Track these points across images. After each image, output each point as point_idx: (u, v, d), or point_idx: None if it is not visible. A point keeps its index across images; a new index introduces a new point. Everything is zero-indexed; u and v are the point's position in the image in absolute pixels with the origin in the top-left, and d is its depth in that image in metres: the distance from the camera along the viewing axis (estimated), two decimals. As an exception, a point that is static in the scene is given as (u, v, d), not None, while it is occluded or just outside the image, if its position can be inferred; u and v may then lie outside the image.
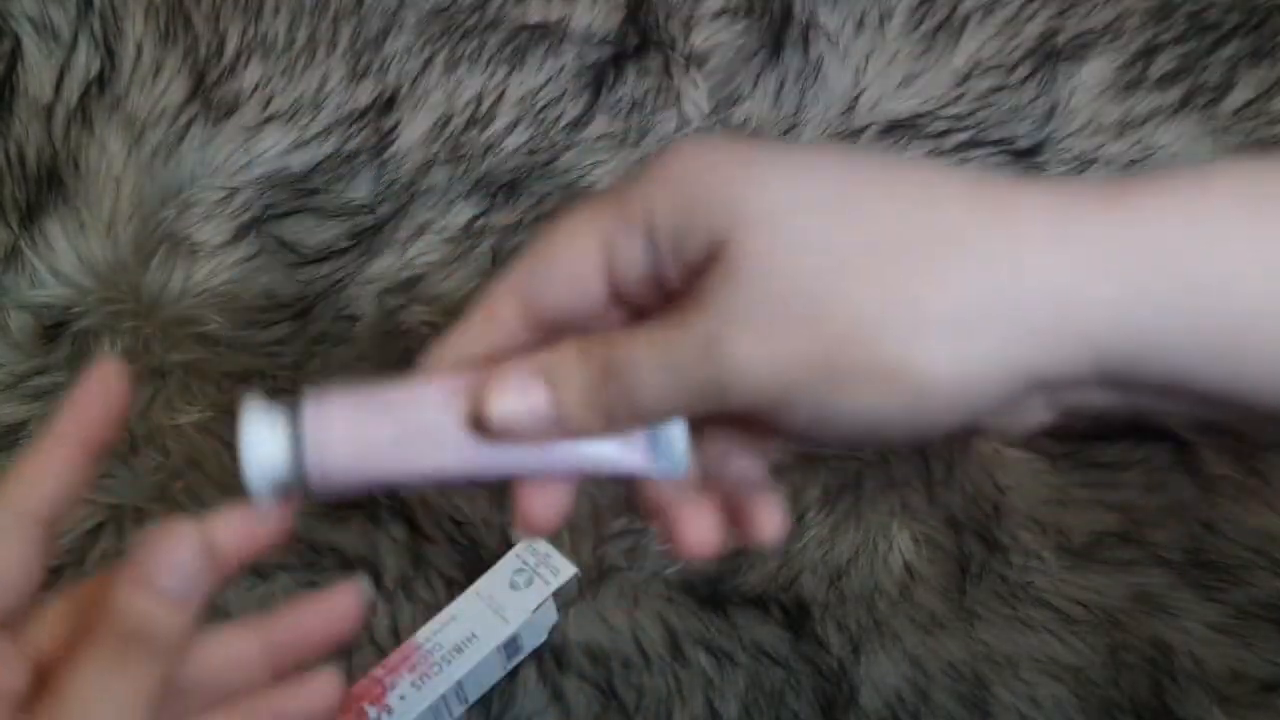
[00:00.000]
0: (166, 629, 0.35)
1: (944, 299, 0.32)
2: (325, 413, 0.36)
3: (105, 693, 0.34)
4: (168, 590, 0.35)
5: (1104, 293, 0.32)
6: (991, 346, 0.32)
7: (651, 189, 0.35)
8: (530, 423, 0.36)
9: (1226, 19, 0.81)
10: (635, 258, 0.36)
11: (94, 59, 0.82)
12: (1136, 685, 0.65)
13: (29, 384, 0.76)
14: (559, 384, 0.36)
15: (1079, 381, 0.33)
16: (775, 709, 0.66)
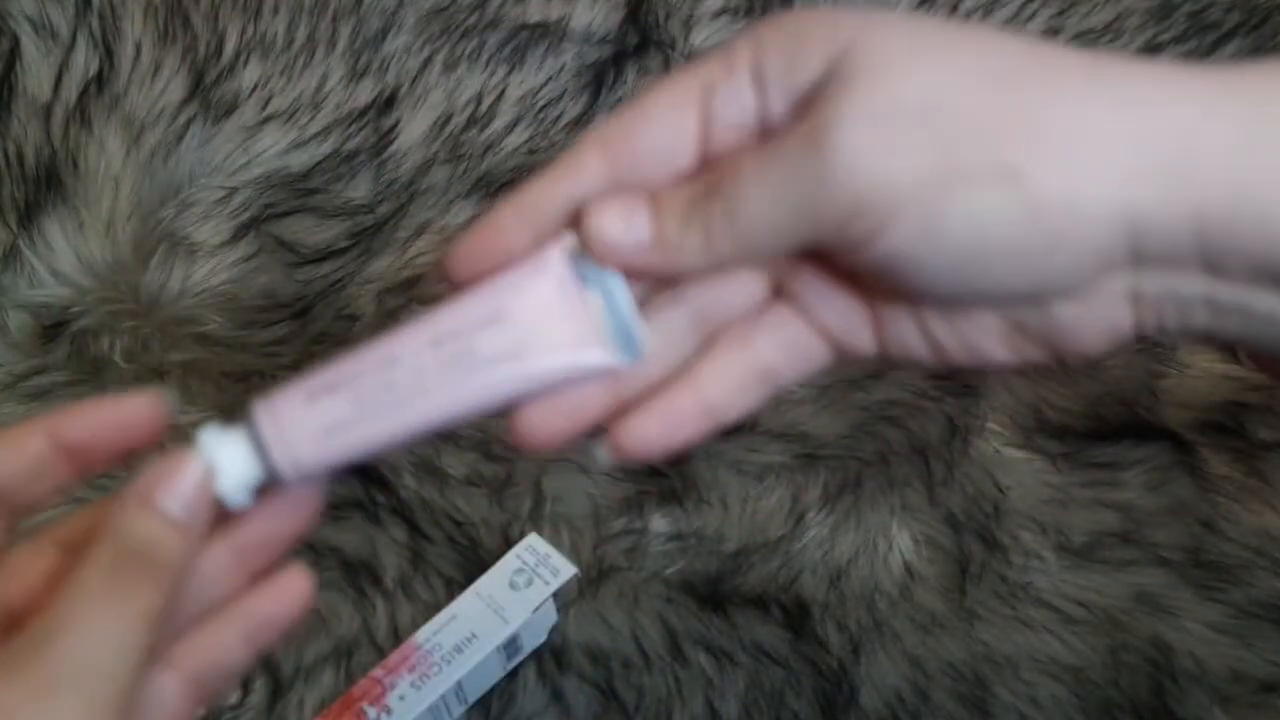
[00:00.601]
0: (170, 551, 0.34)
1: (1067, 116, 0.32)
2: (276, 409, 0.35)
3: (107, 615, 0.32)
4: (171, 513, 0.34)
5: (1217, 139, 0.31)
6: (1107, 173, 0.31)
7: (761, 33, 0.34)
8: (631, 248, 0.34)
9: (1227, 18, 0.81)
10: (740, 103, 0.34)
11: (93, 58, 0.82)
12: (1137, 685, 0.65)
13: (28, 384, 0.75)
14: (661, 208, 0.35)
15: (1177, 252, 0.32)
16: (775, 709, 0.66)
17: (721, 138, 0.35)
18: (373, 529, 0.70)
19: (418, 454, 0.73)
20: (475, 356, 0.35)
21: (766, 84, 0.34)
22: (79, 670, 0.32)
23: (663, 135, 0.35)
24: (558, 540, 0.69)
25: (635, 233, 0.35)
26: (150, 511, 0.34)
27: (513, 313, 0.35)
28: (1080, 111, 0.32)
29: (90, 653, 0.32)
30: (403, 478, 0.72)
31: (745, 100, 0.35)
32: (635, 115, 0.35)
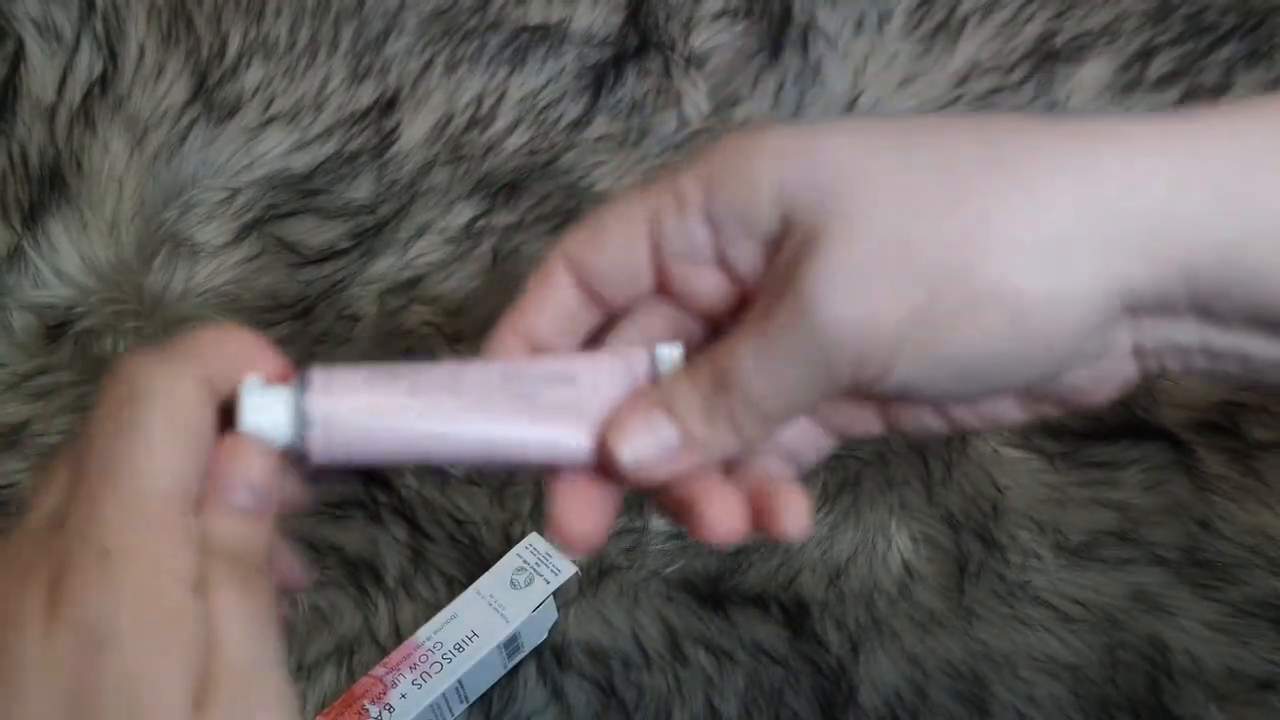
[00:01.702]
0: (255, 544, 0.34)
1: (1035, 223, 0.32)
2: (332, 382, 0.35)
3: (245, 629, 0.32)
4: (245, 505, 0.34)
5: (1199, 204, 0.31)
6: (1087, 262, 0.31)
7: (706, 169, 0.35)
8: (663, 456, 0.35)
9: (1224, 21, 0.81)
10: (693, 240, 0.35)
11: (96, 60, 0.82)
12: (1134, 683, 0.65)
13: (32, 384, 0.76)
14: (679, 412, 0.35)
15: (1171, 305, 0.32)
16: (775, 708, 0.66)
17: (677, 266, 0.36)
18: (374, 528, 0.71)
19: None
20: (538, 400, 0.36)
21: (721, 226, 0.35)
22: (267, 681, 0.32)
23: (618, 260, 0.36)
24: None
25: (664, 442, 0.35)
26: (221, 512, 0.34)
27: (585, 380, 0.36)
28: (1049, 212, 0.32)
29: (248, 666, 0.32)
30: (404, 477, 0.72)
31: (699, 238, 0.35)
32: (592, 237, 0.36)
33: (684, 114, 0.82)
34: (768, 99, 0.82)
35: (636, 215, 0.36)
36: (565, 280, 0.37)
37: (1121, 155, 0.32)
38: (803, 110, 0.81)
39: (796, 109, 0.82)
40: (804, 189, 0.33)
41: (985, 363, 0.33)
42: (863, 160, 0.33)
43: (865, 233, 0.32)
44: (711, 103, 0.82)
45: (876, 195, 0.33)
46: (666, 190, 0.35)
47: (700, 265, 0.36)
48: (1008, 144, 0.33)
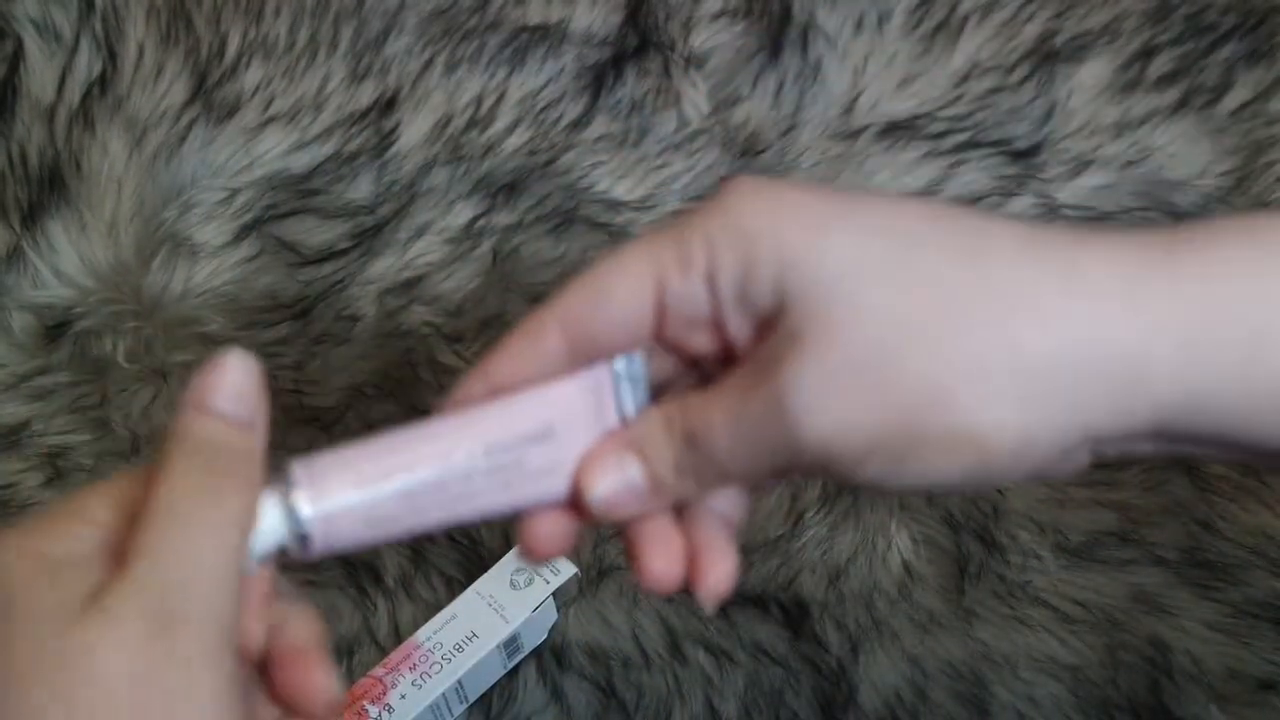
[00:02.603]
0: (239, 447, 0.34)
1: (1011, 362, 0.33)
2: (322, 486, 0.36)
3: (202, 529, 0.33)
4: (229, 411, 0.35)
5: (1167, 357, 0.32)
6: (1056, 410, 0.33)
7: (713, 232, 0.35)
8: (630, 497, 0.37)
9: (1224, 20, 0.81)
10: (692, 300, 0.36)
11: (96, 60, 0.82)
12: (1134, 684, 0.65)
13: (31, 384, 0.76)
14: (651, 458, 0.37)
15: (1132, 437, 0.34)
16: (775, 708, 0.66)
17: (674, 327, 0.37)
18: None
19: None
20: (523, 469, 0.37)
21: (719, 294, 0.36)
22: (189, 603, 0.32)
23: (621, 321, 0.37)
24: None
25: (632, 484, 0.37)
26: (209, 414, 0.34)
27: (560, 433, 0.37)
28: (1025, 354, 0.33)
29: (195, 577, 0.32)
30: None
31: (699, 302, 0.36)
32: (593, 298, 0.37)
33: (684, 114, 0.82)
34: (767, 99, 0.82)
35: (644, 278, 0.36)
36: (554, 335, 0.37)
37: (1096, 309, 0.33)
38: (802, 110, 0.81)
39: (796, 109, 0.82)
40: (801, 283, 0.34)
41: (949, 482, 0.34)
42: (861, 267, 0.34)
43: (849, 344, 0.33)
44: (711, 103, 0.82)
45: (867, 308, 0.34)
46: (673, 248, 0.36)
47: (696, 325, 0.37)
48: (997, 276, 0.33)
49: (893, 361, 0.33)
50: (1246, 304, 0.32)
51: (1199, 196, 0.78)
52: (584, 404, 0.38)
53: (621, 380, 0.38)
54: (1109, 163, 0.79)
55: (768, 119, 0.82)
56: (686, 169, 0.81)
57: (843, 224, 0.35)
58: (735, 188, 0.36)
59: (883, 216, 0.35)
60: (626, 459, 0.37)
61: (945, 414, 0.33)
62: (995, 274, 0.33)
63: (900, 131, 0.80)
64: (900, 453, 0.33)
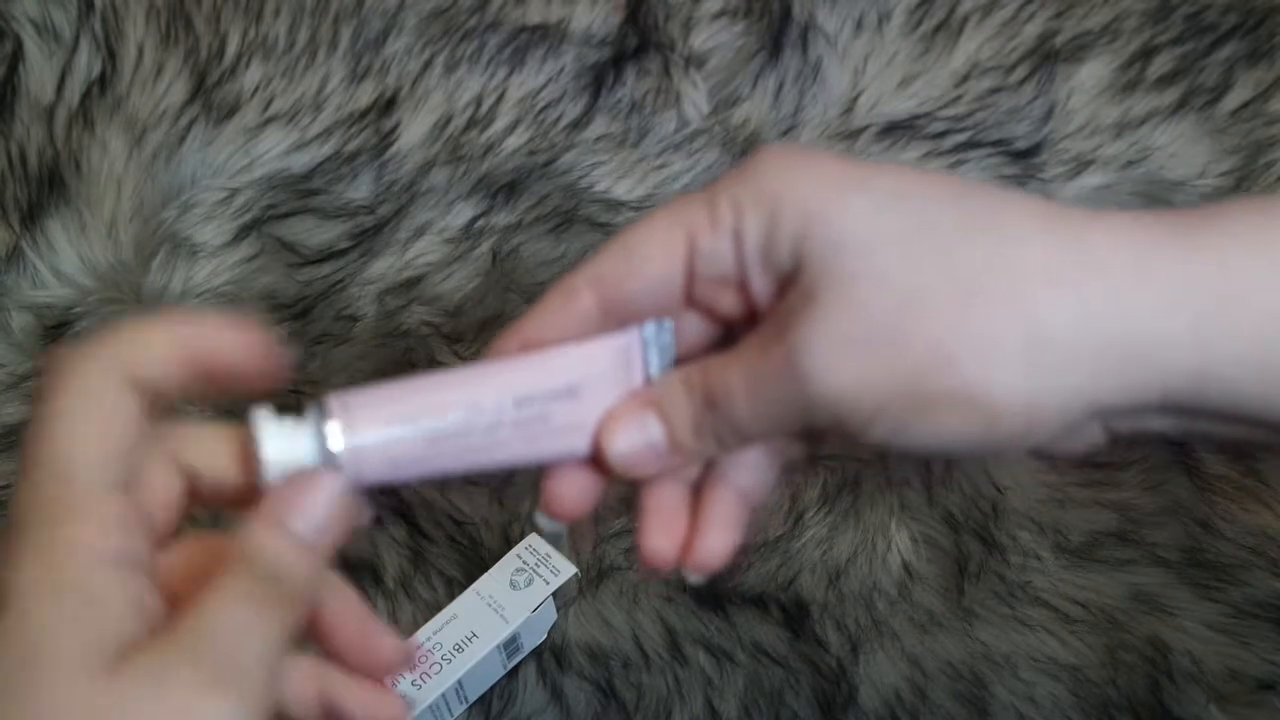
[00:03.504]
0: (301, 574, 0.35)
1: (1021, 331, 0.33)
2: (354, 422, 0.37)
3: (247, 630, 0.33)
4: (302, 535, 0.35)
5: (1178, 329, 0.33)
6: (1064, 381, 0.33)
7: (740, 193, 0.36)
8: (650, 455, 0.38)
9: (1224, 20, 0.81)
10: (720, 258, 0.37)
11: (95, 60, 0.82)
12: (1134, 684, 0.65)
13: (30, 384, 0.76)
14: (670, 417, 0.38)
15: (1144, 410, 0.34)
16: (775, 708, 0.66)
17: (702, 287, 0.38)
18: (373, 529, 0.71)
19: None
20: (548, 424, 0.38)
21: (744, 252, 0.37)
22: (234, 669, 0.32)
23: (654, 285, 0.38)
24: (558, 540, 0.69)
25: (652, 442, 0.38)
26: (281, 533, 0.35)
27: (586, 392, 0.38)
28: (1037, 325, 0.33)
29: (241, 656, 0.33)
30: (403, 478, 0.72)
31: (726, 260, 0.37)
32: (626, 258, 0.38)
33: (684, 114, 0.82)
34: (767, 99, 0.82)
35: (675, 237, 0.37)
36: (587, 297, 0.38)
37: (1107, 281, 0.33)
38: (802, 110, 0.81)
39: (796, 109, 0.82)
40: (819, 244, 0.35)
41: (956, 446, 0.35)
42: (879, 232, 0.35)
43: (863, 306, 0.34)
44: (711, 103, 0.82)
45: (882, 272, 0.34)
46: (702, 208, 0.37)
47: (723, 285, 0.38)
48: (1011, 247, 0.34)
49: (905, 325, 0.34)
50: (1259, 280, 0.33)
51: (1199, 196, 0.78)
52: (612, 365, 0.38)
53: (650, 345, 0.38)
54: (1109, 163, 0.79)
55: (768, 119, 0.82)
56: (686, 169, 0.81)
57: (863, 191, 0.35)
58: (763, 153, 0.37)
59: (902, 185, 0.36)
60: (647, 417, 0.38)
61: (954, 377, 0.33)
62: (1008, 246, 0.34)
63: (900, 131, 0.80)
64: (908, 414, 0.34)
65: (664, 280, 0.38)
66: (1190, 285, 0.33)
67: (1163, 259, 0.33)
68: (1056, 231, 0.34)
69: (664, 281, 0.38)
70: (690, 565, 0.39)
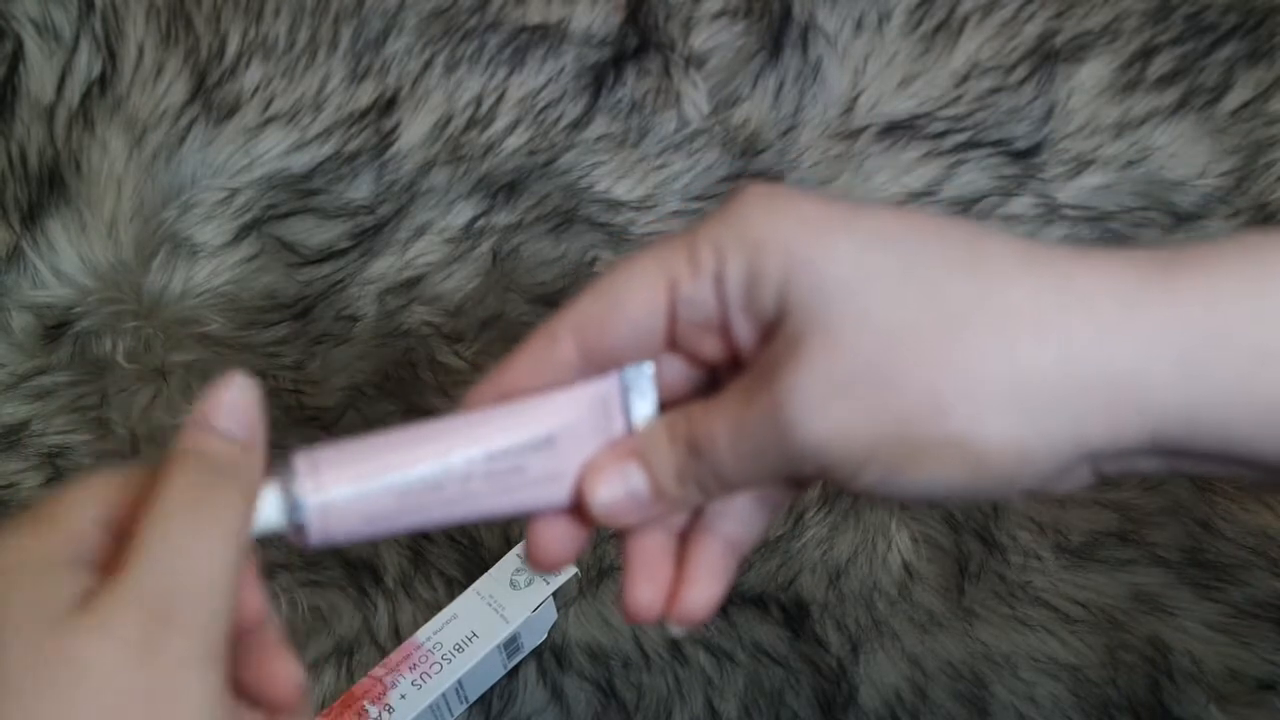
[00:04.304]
0: (241, 465, 0.34)
1: (1008, 373, 0.33)
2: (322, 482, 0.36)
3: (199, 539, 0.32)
4: (231, 431, 0.35)
5: (1165, 370, 0.32)
6: (1053, 424, 0.33)
7: (722, 236, 0.36)
8: (632, 504, 0.37)
9: (1224, 20, 0.81)
10: (701, 304, 0.36)
11: (95, 60, 0.82)
12: (1134, 684, 0.65)
13: (30, 384, 0.76)
14: (654, 466, 0.37)
15: (1133, 452, 0.34)
16: (775, 708, 0.66)
17: (685, 332, 0.37)
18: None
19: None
20: (524, 475, 0.37)
21: (727, 297, 0.36)
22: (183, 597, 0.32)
23: (635, 331, 0.37)
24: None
25: (635, 491, 0.37)
26: (212, 433, 0.35)
27: (564, 440, 0.38)
28: (1025, 370, 0.33)
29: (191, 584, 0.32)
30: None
31: (708, 306, 0.37)
32: (606, 305, 0.37)
33: (684, 114, 0.82)
34: (767, 99, 0.82)
35: (655, 282, 0.37)
36: (566, 344, 0.37)
37: (1093, 323, 0.33)
38: (802, 110, 0.81)
39: (796, 109, 0.82)
40: (803, 290, 0.34)
41: (944, 491, 0.35)
42: (863, 274, 0.34)
43: (849, 349, 0.34)
44: (711, 103, 0.82)
45: (867, 312, 0.34)
46: (683, 251, 0.36)
47: (705, 330, 0.37)
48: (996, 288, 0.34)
49: (891, 371, 0.33)
50: (1246, 322, 0.32)
51: (1199, 196, 0.78)
52: (591, 412, 0.38)
53: (630, 390, 0.38)
54: (1109, 163, 0.79)
55: (768, 119, 0.82)
56: (686, 169, 0.81)
57: (846, 233, 0.35)
58: (744, 195, 0.36)
59: (885, 226, 0.35)
60: (629, 467, 0.37)
61: (943, 424, 0.33)
62: (993, 288, 0.34)
63: (900, 131, 0.80)
64: (897, 461, 0.34)
65: (645, 326, 0.37)
66: (1177, 325, 0.33)
67: (1149, 299, 0.33)
68: (1041, 273, 0.34)
69: (645, 327, 0.37)
70: (674, 618, 0.38)
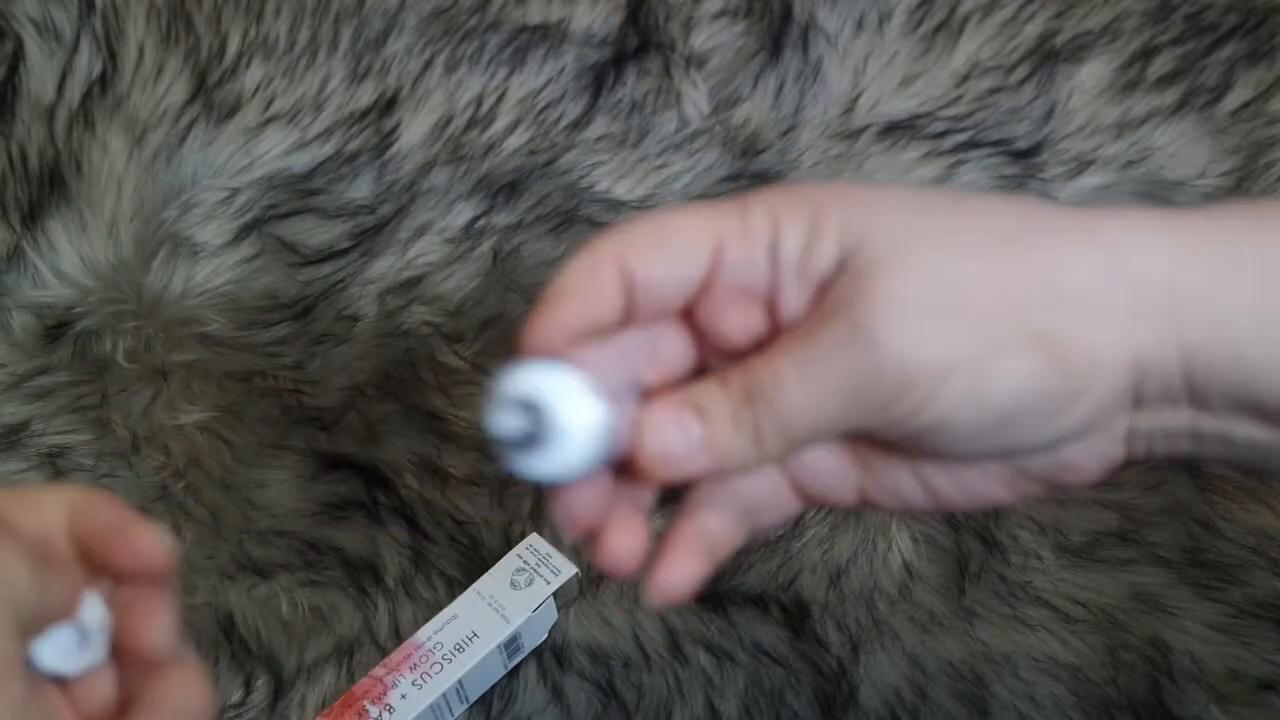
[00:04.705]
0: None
1: (1074, 280, 0.35)
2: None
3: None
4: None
5: (1196, 281, 0.34)
6: (1113, 324, 0.34)
7: (778, 204, 0.36)
8: (685, 454, 0.36)
9: (1224, 20, 0.81)
10: (751, 270, 0.36)
11: (96, 60, 0.82)
12: (1134, 684, 0.65)
13: (31, 384, 0.76)
14: (707, 413, 0.36)
15: (1169, 388, 0.35)
16: (775, 708, 0.66)
17: (715, 296, 0.37)
18: (374, 529, 0.71)
19: (419, 454, 0.73)
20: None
21: (781, 264, 0.36)
22: None
23: (673, 273, 0.37)
24: (558, 540, 0.69)
25: (689, 442, 0.36)
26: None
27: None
28: (1083, 273, 0.35)
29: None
30: (404, 478, 0.72)
31: (757, 270, 0.36)
32: (653, 244, 0.37)
33: (684, 114, 0.82)
34: (768, 99, 0.82)
35: (704, 233, 0.36)
36: (611, 279, 0.37)
37: (1135, 235, 0.35)
38: (802, 110, 0.81)
39: (796, 109, 0.82)
40: (866, 231, 0.35)
41: (1018, 408, 0.35)
42: (920, 213, 0.36)
43: (923, 270, 0.35)
44: (712, 102, 0.82)
45: (934, 241, 0.35)
46: (735, 217, 0.36)
47: (737, 302, 0.37)
48: (1039, 220, 0.36)
49: (966, 282, 0.34)
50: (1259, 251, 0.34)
51: (1199, 196, 0.78)
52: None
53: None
54: (1109, 163, 0.79)
55: (768, 119, 0.82)
56: (687, 169, 0.81)
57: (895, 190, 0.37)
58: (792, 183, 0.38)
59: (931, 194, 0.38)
60: (684, 412, 0.36)
61: (1018, 323, 0.34)
62: (1046, 215, 0.36)
63: (901, 131, 0.80)
64: (978, 371, 0.34)
65: (684, 271, 0.37)
66: (1202, 243, 0.35)
67: (1185, 221, 0.35)
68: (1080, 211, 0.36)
69: (683, 273, 0.37)
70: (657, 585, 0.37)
